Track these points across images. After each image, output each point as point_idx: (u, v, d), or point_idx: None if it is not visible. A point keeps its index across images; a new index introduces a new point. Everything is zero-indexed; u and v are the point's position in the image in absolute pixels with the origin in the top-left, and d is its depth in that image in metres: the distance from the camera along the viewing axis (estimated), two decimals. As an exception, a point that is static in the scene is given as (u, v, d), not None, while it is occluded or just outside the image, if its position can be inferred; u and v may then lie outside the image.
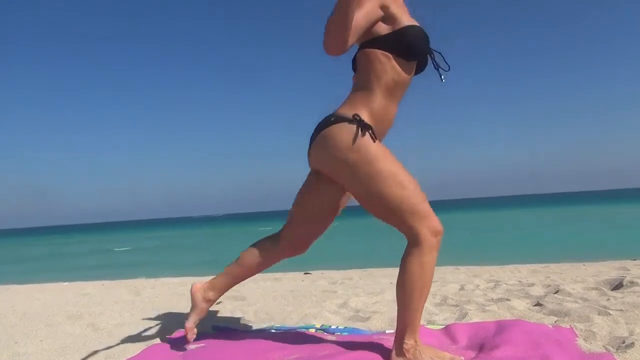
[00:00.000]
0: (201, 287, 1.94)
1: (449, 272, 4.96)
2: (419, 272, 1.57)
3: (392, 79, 1.62)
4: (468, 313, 2.45)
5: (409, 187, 1.57)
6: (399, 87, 1.65)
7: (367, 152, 1.57)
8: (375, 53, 1.61)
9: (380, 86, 1.62)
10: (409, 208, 1.56)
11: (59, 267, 13.02)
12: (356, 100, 1.65)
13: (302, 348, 1.82)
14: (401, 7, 1.67)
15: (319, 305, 2.89)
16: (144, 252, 18.23)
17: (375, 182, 1.56)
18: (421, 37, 1.63)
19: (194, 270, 7.55)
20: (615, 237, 12.14)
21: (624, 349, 1.69)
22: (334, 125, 1.60)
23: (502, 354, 1.65)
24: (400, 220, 1.58)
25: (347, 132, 1.58)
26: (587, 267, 5.01)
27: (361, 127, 1.57)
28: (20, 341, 2.34)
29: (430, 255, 1.57)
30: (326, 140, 1.62)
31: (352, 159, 1.57)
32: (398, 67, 1.62)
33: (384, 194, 1.56)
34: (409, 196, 1.56)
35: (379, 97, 1.63)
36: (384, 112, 1.65)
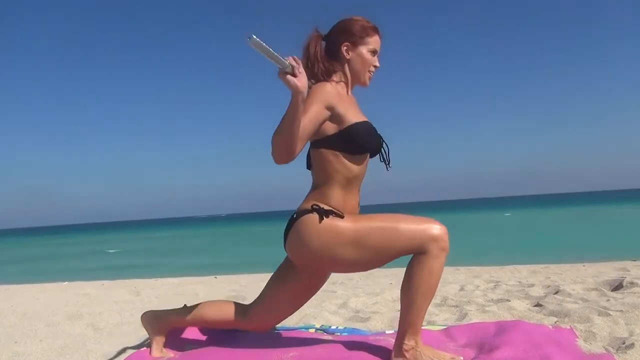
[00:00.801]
0: (150, 317, 1.89)
1: (449, 272, 4.96)
2: (427, 276, 1.56)
3: (345, 175, 1.63)
4: (468, 313, 2.45)
5: (394, 225, 1.57)
6: (353, 180, 1.66)
7: (340, 229, 1.56)
8: (324, 153, 1.62)
9: (335, 183, 1.64)
10: (407, 240, 1.55)
11: (48, 269, 13.02)
12: (313, 197, 1.66)
13: (301, 348, 1.82)
14: (347, 102, 1.66)
15: (318, 306, 2.89)
16: (134, 254, 18.20)
17: (365, 247, 1.55)
18: (368, 132, 1.64)
19: (192, 271, 7.55)
20: (615, 237, 12.14)
21: (624, 349, 1.69)
22: (297, 222, 1.62)
23: (502, 354, 1.65)
24: (409, 252, 1.58)
25: (311, 222, 1.58)
26: (587, 268, 5.01)
27: (321, 213, 1.58)
28: (20, 341, 2.34)
29: (438, 259, 1.57)
30: (296, 239, 1.62)
31: (327, 242, 1.57)
32: (348, 163, 1.63)
33: (380, 250, 1.56)
34: (402, 230, 1.56)
35: (335, 193, 1.64)
36: (343, 205, 1.65)
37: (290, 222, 1.67)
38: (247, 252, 15.11)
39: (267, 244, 18.01)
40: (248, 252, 15.09)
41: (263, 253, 13.85)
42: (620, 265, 5.08)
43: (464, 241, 13.23)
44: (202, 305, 1.88)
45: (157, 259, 14.60)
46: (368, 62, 1.70)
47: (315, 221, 1.58)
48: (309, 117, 1.53)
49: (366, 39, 1.69)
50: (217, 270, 7.06)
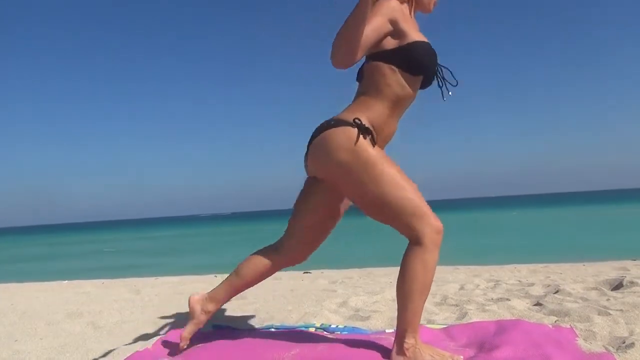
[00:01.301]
0: (200, 298, 1.90)
1: (449, 271, 4.96)
2: (422, 272, 1.57)
3: (396, 92, 1.62)
4: (468, 313, 2.45)
5: (408, 188, 1.57)
6: (401, 101, 1.65)
7: (367, 156, 1.56)
8: (381, 66, 1.61)
9: (384, 99, 1.63)
10: (409, 209, 1.55)
11: (47, 267, 13.03)
12: (358, 107, 1.65)
13: (302, 347, 1.82)
14: (410, 22, 1.67)
15: (318, 305, 2.89)
16: (134, 253, 18.19)
17: (375, 185, 1.55)
18: (428, 53, 1.64)
19: (192, 270, 7.55)
20: (615, 237, 12.13)
21: (624, 349, 1.69)
22: (334, 129, 1.60)
23: (502, 354, 1.65)
24: (402, 222, 1.57)
25: (347, 135, 1.57)
26: (587, 267, 5.01)
27: (361, 130, 1.57)
28: (20, 339, 2.34)
29: (432, 253, 1.57)
30: (325, 144, 1.61)
31: (351, 162, 1.56)
32: (403, 81, 1.62)
33: (383, 197, 1.55)
34: (409, 197, 1.56)
35: (381, 108, 1.63)
36: (384, 124, 1.65)
37: (323, 126, 1.64)
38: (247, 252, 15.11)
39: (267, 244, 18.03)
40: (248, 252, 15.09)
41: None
42: (620, 264, 5.08)
43: (464, 240, 13.24)
44: (238, 270, 1.89)
45: (157, 258, 14.60)
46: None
47: (350, 135, 1.56)
48: (372, 27, 1.53)
49: None
50: (217, 269, 7.06)
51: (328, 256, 10.69)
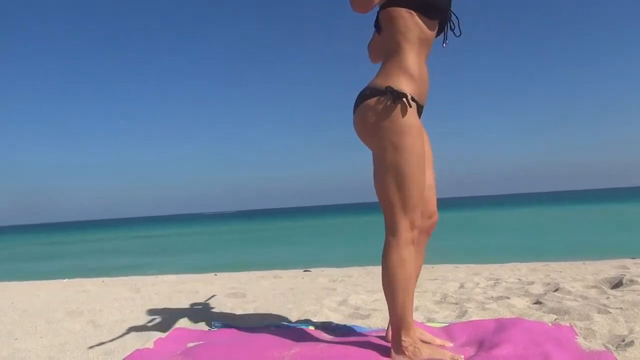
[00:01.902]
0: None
1: (449, 270, 4.96)
2: (400, 267, 1.61)
3: (418, 35, 1.65)
4: (468, 311, 2.45)
5: (418, 178, 1.60)
6: (424, 44, 1.68)
7: (401, 124, 1.58)
8: (398, 11, 1.64)
9: (409, 43, 1.65)
10: (403, 198, 1.59)
11: (47, 266, 13.03)
12: (391, 66, 1.66)
13: (302, 345, 1.82)
14: None
15: (318, 303, 2.90)
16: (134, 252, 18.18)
17: (395, 153, 1.58)
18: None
19: (191, 269, 7.55)
20: (614, 235, 12.14)
21: (623, 347, 1.70)
22: (368, 100, 1.63)
23: (501, 352, 1.65)
24: (390, 206, 1.61)
25: (380, 105, 1.60)
26: (587, 266, 5.00)
27: (394, 97, 1.59)
28: (21, 337, 2.34)
29: (407, 248, 1.61)
30: (361, 115, 1.65)
31: (385, 129, 1.60)
32: (422, 23, 1.65)
33: (396, 169, 1.58)
34: (408, 188, 1.59)
35: (411, 56, 1.65)
36: (420, 71, 1.67)
37: (360, 97, 1.67)
38: (246, 252, 15.11)
39: (268, 243, 18.03)
40: (248, 252, 15.09)
41: (263, 252, 13.87)
42: (619, 263, 5.08)
43: (464, 239, 13.24)
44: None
45: (157, 257, 14.61)
46: None
47: (383, 105, 1.60)
48: None
49: None
50: (217, 268, 7.06)
51: (328, 255, 10.67)
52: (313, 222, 36.35)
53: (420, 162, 1.62)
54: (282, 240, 18.75)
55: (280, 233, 23.15)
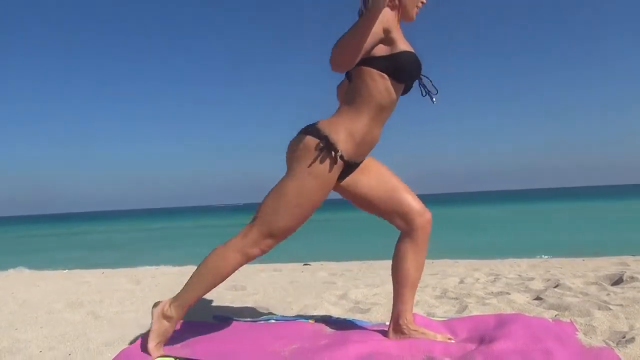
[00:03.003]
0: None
1: (449, 265, 4.97)
2: (217, 264, 1.72)
3: (384, 98, 1.70)
4: (468, 306, 2.45)
5: (301, 215, 1.68)
6: (387, 107, 1.73)
7: (314, 168, 1.65)
8: (372, 72, 1.68)
9: (370, 105, 1.69)
10: (273, 220, 1.67)
11: (48, 256, 13.05)
12: (342, 119, 1.71)
13: (302, 339, 1.82)
14: (399, 31, 1.74)
15: (318, 297, 2.90)
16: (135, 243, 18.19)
17: (295, 185, 1.66)
18: (415, 63, 1.72)
19: (192, 261, 7.55)
20: (614, 232, 12.14)
21: (624, 343, 1.69)
22: (307, 136, 1.69)
23: (502, 347, 1.65)
24: (259, 217, 1.69)
25: (313, 145, 1.66)
26: (587, 262, 5.00)
27: (326, 147, 1.64)
28: (21, 328, 2.34)
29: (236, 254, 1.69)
30: (295, 142, 1.71)
31: (302, 163, 1.66)
32: (391, 87, 1.69)
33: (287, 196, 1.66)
34: (285, 220, 1.66)
35: (366, 117, 1.70)
36: (367, 133, 1.72)
37: (304, 128, 1.72)
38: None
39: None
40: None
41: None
42: (620, 259, 5.08)
43: (464, 235, 13.25)
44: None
45: (158, 249, 14.64)
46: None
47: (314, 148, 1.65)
48: (371, 34, 1.59)
49: None
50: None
51: (328, 249, 10.68)
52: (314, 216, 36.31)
53: (305, 208, 1.68)
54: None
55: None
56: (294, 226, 1.70)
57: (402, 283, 1.80)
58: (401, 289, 1.80)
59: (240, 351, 1.71)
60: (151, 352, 1.70)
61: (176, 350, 1.75)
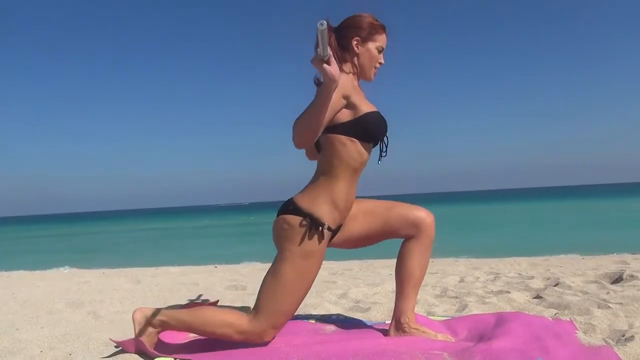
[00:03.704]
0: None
1: (449, 264, 4.97)
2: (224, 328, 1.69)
3: (356, 161, 1.72)
4: (468, 305, 2.45)
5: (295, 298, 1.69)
6: (361, 167, 1.75)
7: (305, 248, 1.67)
8: (339, 138, 1.69)
9: (344, 170, 1.71)
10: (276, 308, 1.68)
11: (48, 256, 13.05)
12: (319, 191, 1.72)
13: (302, 338, 1.83)
14: (359, 93, 1.74)
15: (319, 296, 2.90)
16: (137, 243, 18.20)
17: (289, 267, 1.67)
18: (380, 122, 1.73)
19: (192, 261, 7.56)
20: (614, 231, 12.15)
21: (623, 342, 1.70)
22: (289, 216, 1.70)
23: (501, 346, 1.65)
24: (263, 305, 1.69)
25: (297, 225, 1.67)
26: (587, 261, 5.01)
27: (311, 225, 1.66)
28: (22, 328, 2.35)
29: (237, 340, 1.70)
30: (279, 225, 1.72)
31: (290, 245, 1.68)
32: (362, 149, 1.71)
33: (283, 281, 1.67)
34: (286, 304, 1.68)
35: (343, 182, 1.72)
36: (347, 196, 1.74)
37: (284, 208, 1.73)
38: (250, 244, 15.14)
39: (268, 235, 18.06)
40: (251, 244, 15.11)
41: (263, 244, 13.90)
42: (619, 258, 5.09)
43: (464, 233, 13.26)
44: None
45: (158, 249, 14.65)
46: (375, 58, 1.78)
47: (299, 228, 1.67)
48: (330, 106, 1.58)
49: (375, 36, 1.77)
50: (218, 260, 7.08)
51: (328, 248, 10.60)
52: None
53: (306, 287, 1.71)
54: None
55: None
56: (295, 308, 1.73)
57: (406, 281, 1.81)
58: (405, 287, 1.81)
59: (240, 351, 1.71)
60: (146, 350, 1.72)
61: (176, 350, 1.76)
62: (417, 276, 1.81)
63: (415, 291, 1.83)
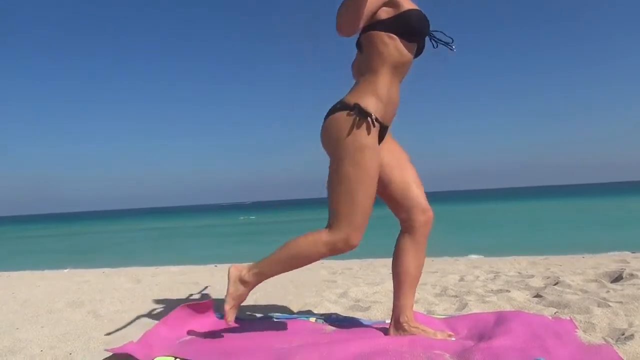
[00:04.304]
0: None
1: (449, 263, 4.97)
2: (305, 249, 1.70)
3: (397, 59, 1.71)
4: (468, 304, 2.45)
5: (369, 194, 1.66)
6: (402, 67, 1.75)
7: (359, 140, 1.65)
8: (380, 35, 1.70)
9: (385, 67, 1.71)
10: (349, 210, 1.65)
11: (48, 256, 13.05)
12: (363, 86, 1.73)
13: (302, 337, 1.83)
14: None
15: (319, 295, 2.90)
16: (136, 243, 18.21)
17: (350, 165, 1.65)
18: (422, 20, 1.74)
19: (192, 260, 7.56)
20: (614, 229, 12.15)
21: (623, 340, 1.70)
22: (336, 113, 1.70)
23: (501, 344, 1.65)
24: (336, 214, 1.67)
25: (346, 119, 1.67)
26: (587, 260, 5.00)
27: (359, 114, 1.65)
28: (22, 327, 2.35)
29: (325, 248, 1.69)
30: (328, 126, 1.72)
31: (345, 142, 1.66)
32: (402, 47, 1.71)
33: (348, 181, 1.65)
34: (357, 202, 1.65)
35: (384, 78, 1.72)
36: (390, 93, 1.74)
37: (330, 110, 1.74)
38: (249, 243, 15.14)
39: (269, 236, 18.07)
40: (251, 243, 15.12)
41: (263, 244, 13.91)
42: (619, 257, 5.08)
43: (464, 232, 13.25)
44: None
45: (158, 248, 14.65)
46: None
47: (350, 120, 1.66)
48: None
49: None
50: (218, 259, 7.07)
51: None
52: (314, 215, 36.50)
53: (373, 181, 1.68)
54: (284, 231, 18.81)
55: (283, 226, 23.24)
56: (369, 207, 1.68)
57: (402, 279, 1.81)
58: (401, 286, 1.81)
59: (241, 349, 1.71)
60: (227, 314, 1.75)
61: (177, 349, 1.76)
62: (413, 274, 1.80)
63: (412, 289, 1.82)
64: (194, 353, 1.70)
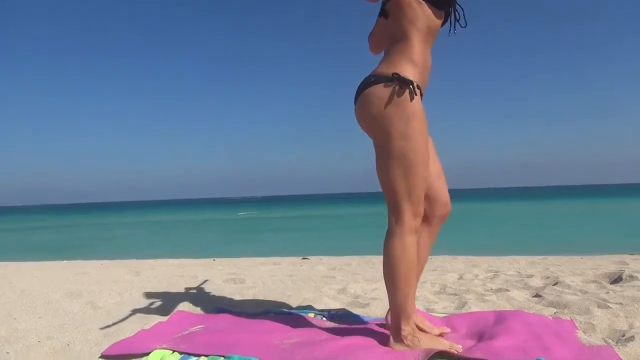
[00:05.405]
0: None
1: (448, 261, 4.96)
2: (402, 254, 1.61)
3: (426, 24, 1.67)
4: (467, 302, 2.45)
5: (424, 166, 1.61)
6: (430, 33, 1.70)
7: (407, 110, 1.59)
8: (408, 0, 1.66)
9: (416, 32, 1.66)
10: (408, 186, 1.59)
11: (47, 247, 13.06)
12: (396, 54, 1.67)
13: (301, 332, 1.82)
14: None
15: (318, 291, 2.90)
16: (136, 236, 18.22)
17: (403, 140, 1.58)
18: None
19: (191, 253, 7.56)
20: (613, 231, 12.15)
21: (624, 342, 1.69)
22: (374, 86, 1.63)
23: (501, 343, 1.65)
24: (395, 194, 1.61)
25: (386, 92, 1.60)
26: (586, 260, 5.00)
27: (400, 84, 1.59)
28: (19, 317, 2.34)
29: (410, 237, 1.62)
30: (366, 101, 1.65)
31: (391, 115, 1.59)
32: (430, 12, 1.67)
33: (402, 157, 1.58)
34: (414, 175, 1.59)
35: (417, 44, 1.67)
36: (424, 59, 1.69)
37: (364, 84, 1.67)
38: (249, 238, 15.14)
39: (270, 230, 18.07)
40: (251, 238, 15.12)
41: (263, 239, 13.91)
42: (618, 258, 5.08)
43: (463, 231, 13.25)
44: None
45: (158, 241, 14.65)
46: None
47: (390, 91, 1.59)
48: None
49: None
50: (217, 253, 7.07)
51: (326, 243, 10.67)
52: (312, 211, 36.46)
53: (426, 149, 1.63)
54: (283, 228, 18.82)
55: (283, 222, 23.23)
56: (427, 176, 1.64)
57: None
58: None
59: (239, 344, 1.70)
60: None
61: (176, 343, 1.75)
62: (420, 264, 1.79)
63: (416, 280, 1.77)
64: (192, 347, 1.69)
